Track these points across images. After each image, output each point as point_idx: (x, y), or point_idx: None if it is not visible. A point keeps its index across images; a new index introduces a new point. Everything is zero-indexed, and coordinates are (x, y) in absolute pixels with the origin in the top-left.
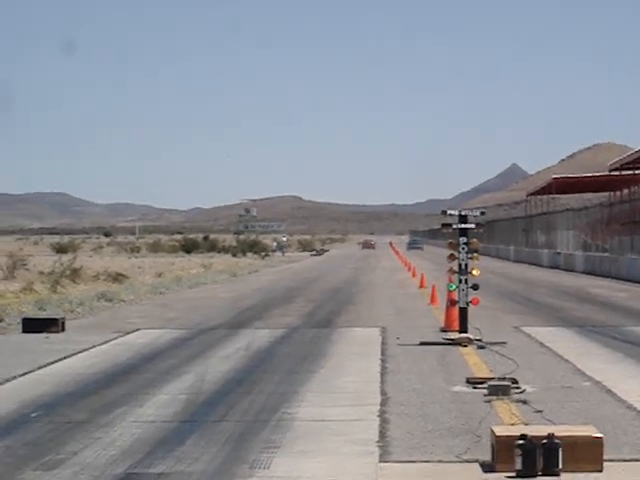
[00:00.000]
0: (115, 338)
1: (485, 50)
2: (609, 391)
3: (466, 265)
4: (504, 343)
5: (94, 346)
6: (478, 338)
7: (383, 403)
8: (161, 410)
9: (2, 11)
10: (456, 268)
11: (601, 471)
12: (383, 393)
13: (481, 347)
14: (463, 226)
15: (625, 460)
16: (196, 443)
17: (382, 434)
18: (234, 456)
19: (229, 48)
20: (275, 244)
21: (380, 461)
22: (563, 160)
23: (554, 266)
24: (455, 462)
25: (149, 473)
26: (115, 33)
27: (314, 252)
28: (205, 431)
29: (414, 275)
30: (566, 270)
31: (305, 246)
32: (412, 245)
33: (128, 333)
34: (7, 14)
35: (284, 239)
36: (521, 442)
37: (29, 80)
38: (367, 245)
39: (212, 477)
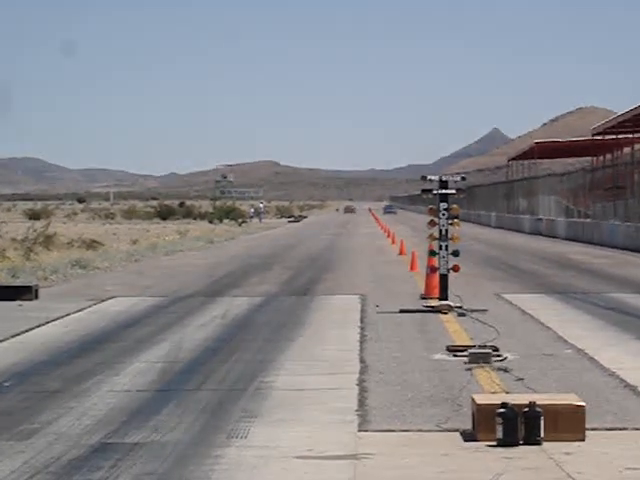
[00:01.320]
0: (90, 306)
1: (467, 15)
2: (591, 359)
3: (446, 231)
4: (485, 310)
5: (68, 314)
6: (459, 305)
7: (362, 371)
8: (137, 379)
9: None
10: (436, 234)
11: (583, 440)
12: (362, 361)
13: (462, 314)
14: (443, 192)
15: (608, 429)
16: (172, 412)
17: (361, 403)
18: (211, 425)
19: (206, 8)
20: (252, 210)
21: (359, 430)
22: (545, 124)
23: (536, 232)
24: (435, 431)
25: (124, 443)
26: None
27: (292, 219)
28: (181, 400)
29: (394, 242)
30: (548, 236)
31: (283, 212)
32: (387, 210)
33: (103, 301)
34: None
35: (261, 205)
36: (502, 411)
37: None
38: (348, 210)
39: (188, 447)
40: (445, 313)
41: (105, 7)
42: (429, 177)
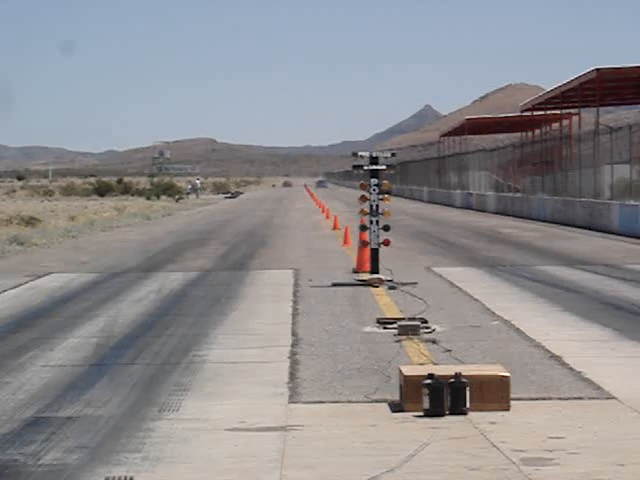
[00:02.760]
0: (26, 282)
1: None
2: (517, 330)
3: (377, 206)
4: (415, 283)
5: (5, 290)
6: (389, 279)
7: (294, 344)
8: (71, 354)
9: None
10: (367, 209)
11: (508, 410)
12: (294, 334)
13: (392, 288)
14: (374, 167)
15: (532, 399)
16: (105, 386)
17: (292, 375)
18: (143, 399)
19: None
20: (189, 187)
21: (289, 402)
22: (476, 101)
23: (467, 207)
24: (364, 402)
25: (57, 417)
26: None
27: (228, 195)
28: (115, 374)
29: (328, 217)
30: (478, 210)
31: (220, 189)
32: (319, 185)
33: (40, 277)
34: None
35: (198, 182)
36: (428, 382)
37: None
38: (287, 184)
39: (120, 420)
40: (376, 286)
41: None
42: (360, 153)
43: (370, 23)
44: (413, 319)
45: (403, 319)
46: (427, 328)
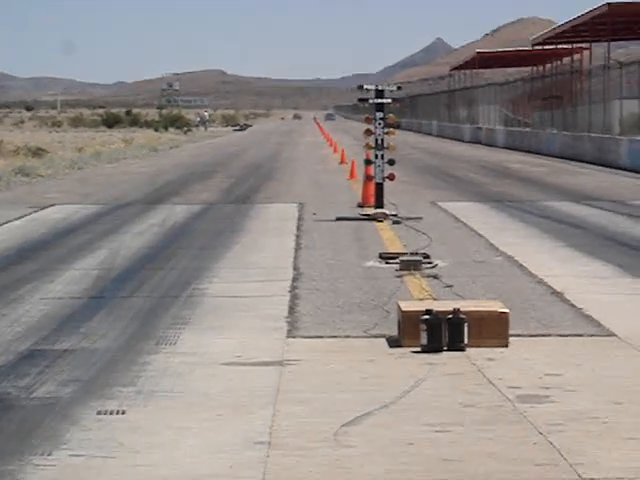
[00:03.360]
0: (30, 213)
1: None
2: (520, 266)
3: (382, 140)
4: (420, 218)
5: (8, 221)
6: (394, 213)
7: (295, 279)
8: (71, 286)
9: None
10: (372, 143)
11: (506, 346)
12: (295, 269)
13: (396, 222)
14: (379, 101)
15: (531, 335)
16: (104, 319)
17: (292, 310)
18: (141, 332)
19: None
20: (198, 119)
21: (288, 336)
22: (487, 35)
23: (476, 141)
24: (362, 337)
25: (53, 350)
26: None
27: (237, 127)
28: (114, 307)
29: (336, 151)
30: (487, 145)
31: (228, 121)
32: (328, 117)
33: (43, 208)
34: None
35: (206, 114)
36: (426, 317)
37: None
38: (297, 117)
39: (116, 353)
40: (380, 221)
41: None
42: (365, 86)
43: None
44: (415, 254)
45: (405, 254)
46: (429, 263)
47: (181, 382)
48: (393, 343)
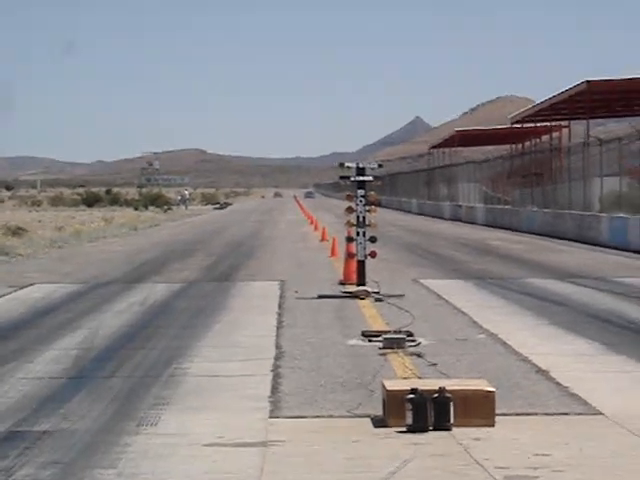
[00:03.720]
0: (9, 293)
1: (388, 3)
2: (504, 343)
3: (364, 218)
4: (402, 296)
5: None
6: (376, 291)
7: (277, 357)
8: (50, 366)
9: None
10: (354, 221)
11: (493, 425)
12: (278, 347)
13: (379, 300)
14: (361, 178)
15: (517, 414)
16: (83, 400)
17: (274, 389)
18: (122, 413)
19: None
20: (179, 197)
21: (270, 417)
22: (466, 113)
23: (456, 218)
24: (346, 417)
25: (33, 431)
26: None
27: (217, 205)
28: (94, 388)
29: (316, 228)
30: (467, 222)
31: (209, 199)
32: (307, 195)
33: (23, 287)
34: None
35: (186, 192)
36: (411, 396)
37: None
38: (277, 195)
39: (97, 435)
40: (362, 299)
41: None
42: (347, 164)
43: (358, 35)
44: (399, 332)
45: (388, 332)
46: (413, 341)
47: (163, 464)
48: (378, 423)
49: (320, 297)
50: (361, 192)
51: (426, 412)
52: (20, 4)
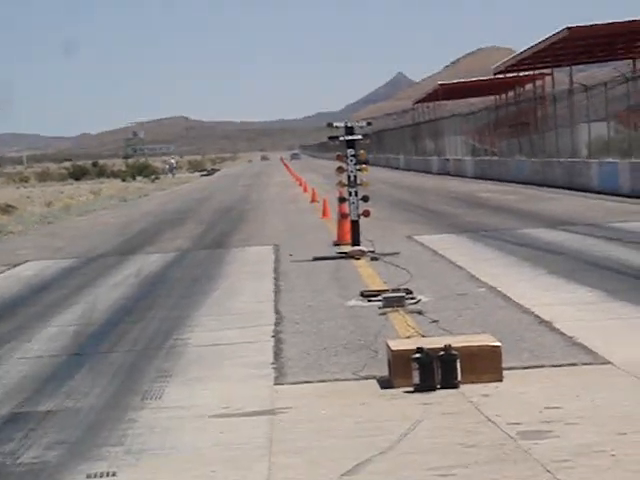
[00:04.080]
0: (3, 271)
1: None
2: (505, 296)
3: (355, 177)
4: (397, 253)
5: None
6: (371, 250)
7: (277, 323)
8: (49, 344)
9: None
10: (345, 181)
11: (501, 380)
12: (277, 312)
13: (374, 259)
14: (350, 138)
15: (525, 367)
16: (85, 377)
17: (277, 355)
18: (125, 388)
19: None
20: (167, 167)
21: (275, 383)
22: (448, 66)
23: (444, 172)
24: (352, 380)
25: (36, 411)
26: None
27: (205, 172)
28: (95, 364)
29: (306, 190)
30: (456, 176)
31: (196, 167)
32: (293, 157)
33: (16, 265)
34: None
35: (173, 161)
36: (417, 356)
37: None
38: (264, 158)
39: (102, 412)
40: (358, 259)
41: None
42: (335, 124)
43: None
44: (397, 290)
45: (387, 291)
46: (412, 299)
47: (170, 438)
48: (384, 384)
49: (315, 259)
50: (351, 151)
51: (433, 371)
52: None
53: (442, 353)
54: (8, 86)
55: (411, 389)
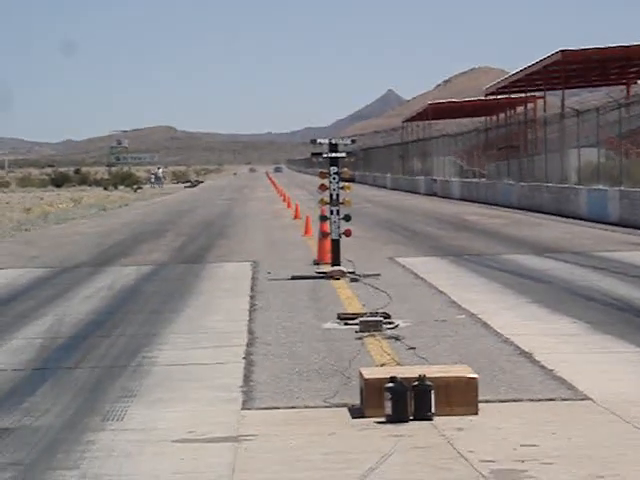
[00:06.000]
0: None
1: None
2: (485, 324)
3: (337, 195)
4: (378, 275)
5: None
6: (351, 271)
7: (250, 344)
8: (14, 357)
9: None
10: (327, 199)
11: (476, 414)
12: (250, 332)
13: (354, 280)
14: (333, 155)
15: (501, 401)
16: (47, 393)
17: (247, 378)
18: (87, 407)
19: None
20: (152, 177)
21: (243, 408)
22: (439, 85)
23: (431, 193)
24: (323, 407)
25: None
26: None
27: (188, 184)
28: (58, 379)
29: (289, 206)
30: (443, 197)
31: (180, 177)
32: (276, 170)
33: None
34: None
35: (160, 170)
36: (391, 385)
37: None
38: (252, 170)
39: (60, 432)
40: (337, 279)
41: None
42: (319, 140)
43: (331, 7)
44: (375, 314)
45: (365, 314)
46: (390, 323)
47: (129, 464)
48: (356, 413)
49: (294, 278)
50: (334, 169)
51: (406, 401)
52: None
53: (416, 383)
54: None
55: (383, 420)
